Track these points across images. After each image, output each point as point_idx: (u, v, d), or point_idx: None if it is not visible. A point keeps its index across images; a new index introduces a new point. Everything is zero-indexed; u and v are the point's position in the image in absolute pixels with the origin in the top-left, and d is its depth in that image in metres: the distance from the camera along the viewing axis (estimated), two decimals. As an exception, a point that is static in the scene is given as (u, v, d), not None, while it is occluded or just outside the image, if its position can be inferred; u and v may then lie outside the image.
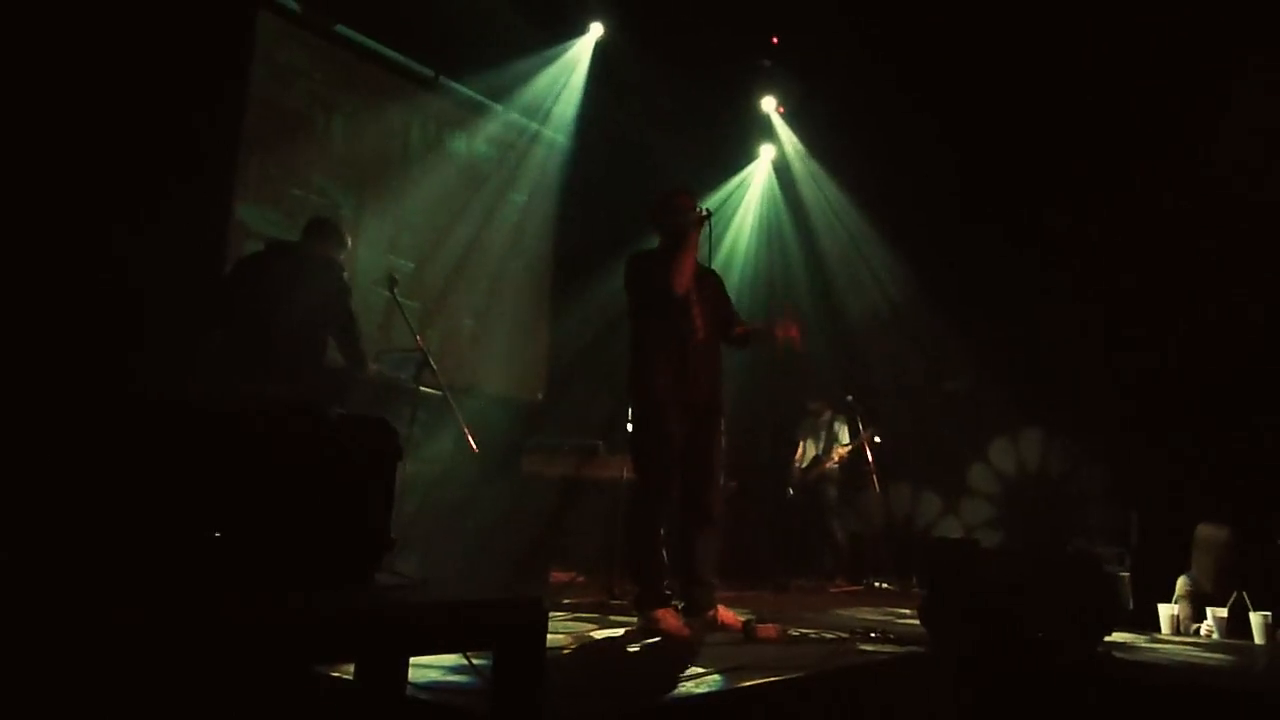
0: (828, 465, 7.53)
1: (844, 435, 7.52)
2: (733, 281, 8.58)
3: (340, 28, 6.45)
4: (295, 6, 6.14)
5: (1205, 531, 5.37)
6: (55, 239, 4.24)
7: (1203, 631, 5.10)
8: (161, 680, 1.55)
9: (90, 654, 1.53)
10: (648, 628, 3.75)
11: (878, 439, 7.29)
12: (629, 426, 4.21)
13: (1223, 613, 5.00)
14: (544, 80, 7.39)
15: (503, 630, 1.99)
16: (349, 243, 4.68)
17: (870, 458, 7.39)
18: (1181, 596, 5.29)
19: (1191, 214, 6.23)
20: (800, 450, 7.78)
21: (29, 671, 1.51)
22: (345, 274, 4.43)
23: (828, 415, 7.66)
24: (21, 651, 1.52)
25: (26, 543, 1.90)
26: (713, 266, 4.55)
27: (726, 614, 4.02)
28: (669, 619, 3.78)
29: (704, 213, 4.15)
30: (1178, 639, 4.94)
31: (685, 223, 4.12)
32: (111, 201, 4.39)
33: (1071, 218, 6.88)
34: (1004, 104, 7.00)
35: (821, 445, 7.62)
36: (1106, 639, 4.00)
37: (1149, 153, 6.42)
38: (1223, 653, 4.34)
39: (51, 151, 4.27)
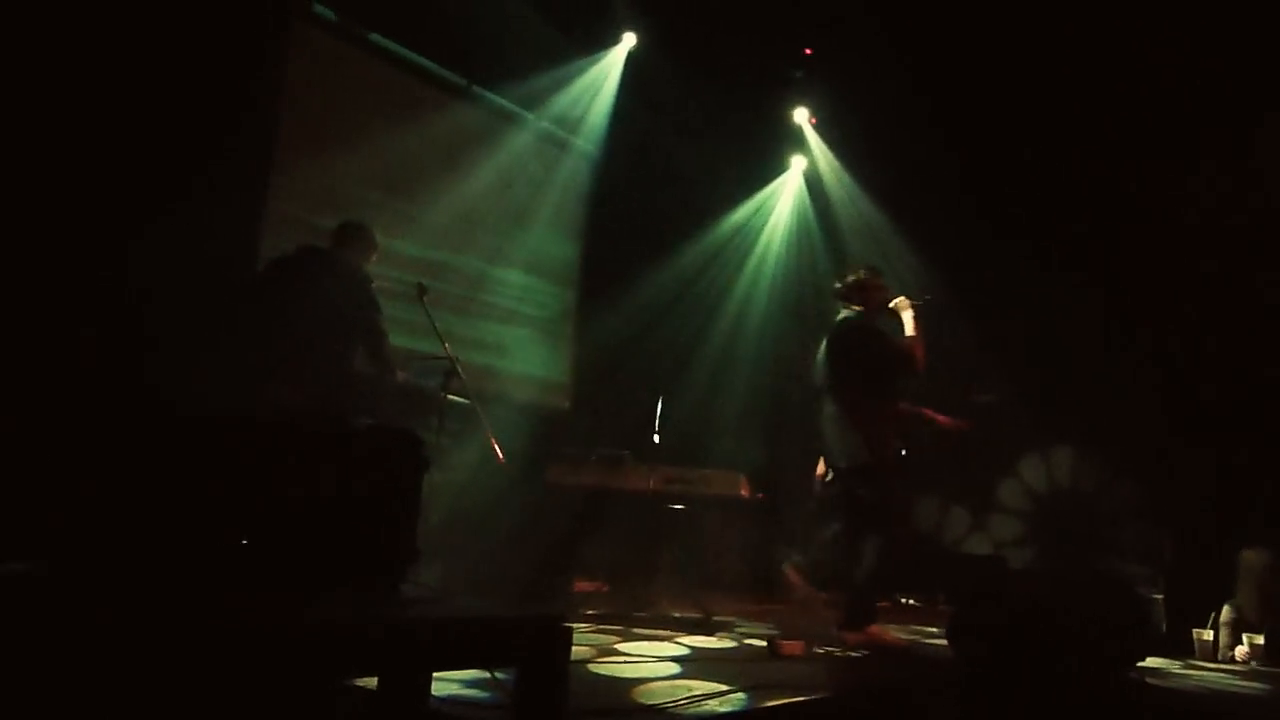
0: None
1: None
2: (761, 290, 8.57)
3: (375, 36, 6.51)
4: (331, 15, 6.21)
5: (1249, 557, 5.26)
6: (87, 242, 4.30)
7: (1238, 657, 5.00)
8: (189, 690, 1.56)
9: (118, 661, 1.54)
10: (866, 643, 4.15)
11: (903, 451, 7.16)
12: (860, 473, 4.57)
13: (1259, 639, 4.90)
14: (575, 90, 7.41)
15: (526, 647, 1.99)
16: (379, 247, 4.70)
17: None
18: (1224, 624, 5.17)
19: (1231, 226, 6.13)
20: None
21: (58, 678, 1.52)
22: (374, 284, 4.45)
23: None
24: (52, 659, 1.54)
25: (60, 552, 1.92)
26: (744, 279, 4.91)
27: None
28: (885, 634, 4.29)
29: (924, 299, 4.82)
30: (1213, 665, 4.84)
31: (884, 299, 4.80)
32: (144, 207, 4.44)
33: (1106, 231, 6.79)
34: (1039, 115, 6.92)
35: None
36: (1138, 664, 3.93)
37: (1188, 164, 6.32)
38: (1259, 680, 4.25)
39: (83, 157, 4.33)
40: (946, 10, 6.70)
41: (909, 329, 4.68)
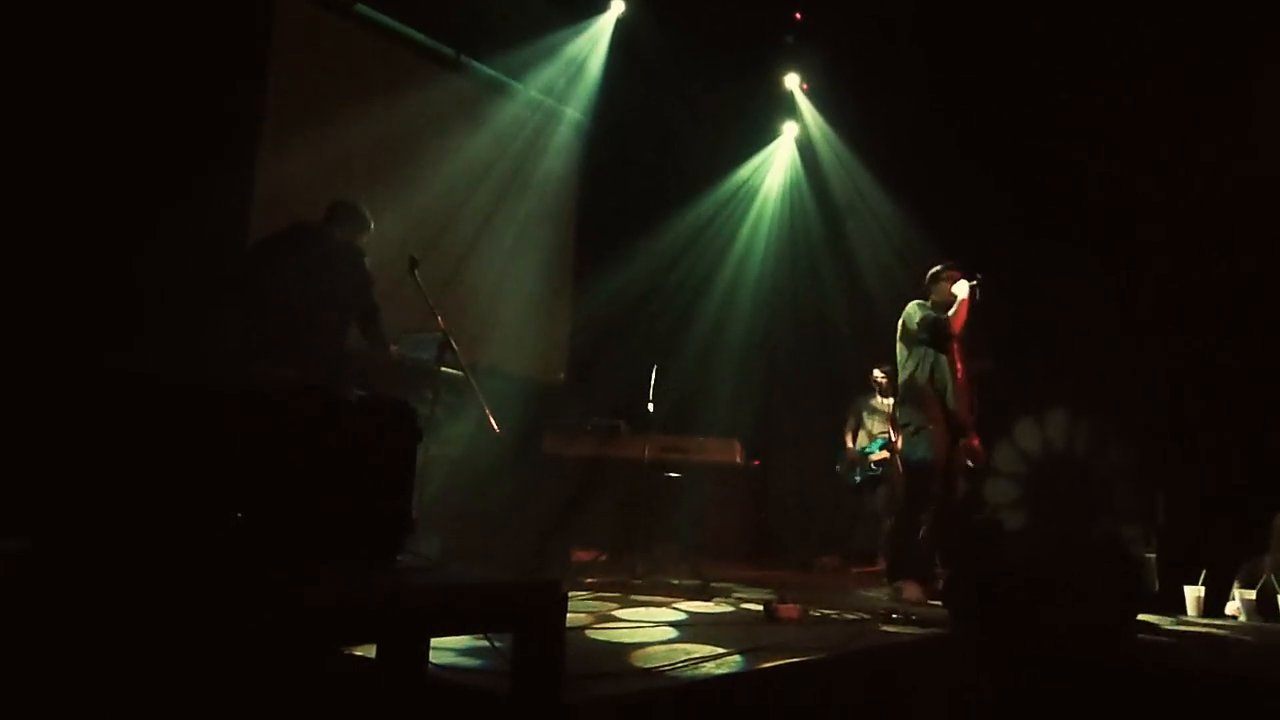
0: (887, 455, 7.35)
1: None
2: (755, 260, 8.55)
3: (361, 7, 6.43)
4: (314, -14, 6.14)
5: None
6: (75, 221, 4.27)
7: (1229, 612, 5.05)
8: (186, 661, 1.57)
9: (115, 637, 1.55)
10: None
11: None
12: (914, 439, 5.27)
13: (1250, 594, 4.94)
14: (564, 58, 7.34)
15: (523, 612, 2.00)
16: (372, 225, 4.68)
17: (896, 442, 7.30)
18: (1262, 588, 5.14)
19: (1223, 187, 6.11)
20: (862, 432, 7.58)
21: (54, 655, 1.53)
22: (367, 258, 4.43)
23: (891, 399, 7.49)
24: (53, 636, 1.54)
25: (52, 529, 1.92)
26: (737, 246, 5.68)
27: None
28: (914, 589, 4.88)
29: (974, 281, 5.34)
30: (1204, 621, 4.89)
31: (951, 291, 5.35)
32: (132, 186, 4.41)
33: (1099, 193, 6.77)
34: (1033, 78, 6.88)
35: (888, 429, 7.38)
36: (1132, 621, 3.97)
37: (1183, 129, 6.29)
38: (1249, 635, 4.30)
39: (68, 138, 4.30)
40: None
41: (959, 300, 5.24)
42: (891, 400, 7.44)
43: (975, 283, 5.26)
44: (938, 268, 5.46)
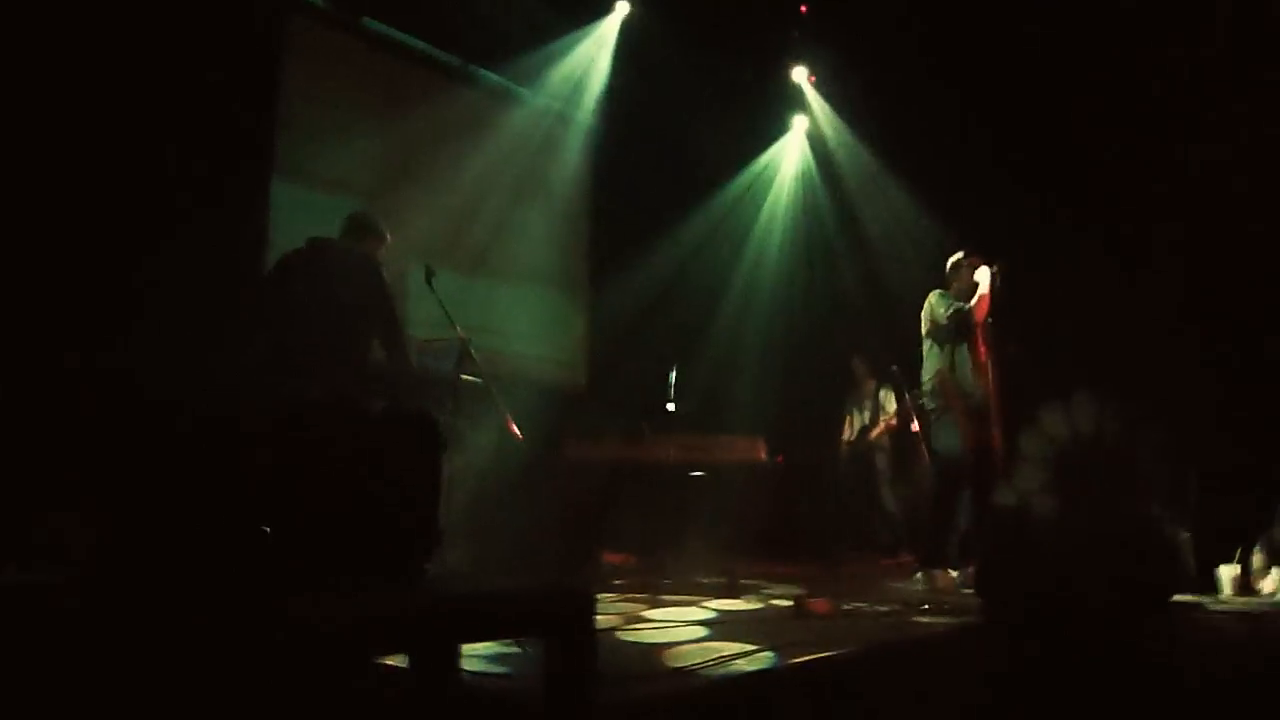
0: (874, 436, 7.47)
1: (890, 405, 7.45)
2: (770, 253, 8.53)
3: (368, 21, 6.48)
4: (321, 3, 6.18)
5: None
6: (90, 244, 4.32)
7: (1266, 589, 4.99)
8: (224, 675, 1.58)
9: (162, 652, 1.57)
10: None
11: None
12: (940, 428, 5.40)
13: (1288, 571, 4.88)
14: (571, 63, 7.35)
15: (553, 618, 2.01)
16: (388, 238, 4.70)
17: (917, 426, 7.30)
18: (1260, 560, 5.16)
19: (1249, 160, 6.02)
20: (848, 423, 7.73)
21: (94, 677, 1.55)
22: (385, 271, 4.45)
23: (873, 386, 7.60)
24: (86, 660, 1.56)
25: (88, 556, 1.95)
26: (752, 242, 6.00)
27: None
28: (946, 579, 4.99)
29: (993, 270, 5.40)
30: (1241, 600, 4.83)
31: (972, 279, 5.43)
32: (148, 206, 4.45)
33: (1116, 174, 6.70)
34: (1041, 62, 6.82)
35: (868, 416, 7.56)
36: (1170, 601, 3.92)
37: (1202, 112, 6.22)
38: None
39: (82, 158, 4.34)
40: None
41: (982, 289, 5.31)
42: (873, 387, 7.50)
43: (995, 270, 5.29)
44: (958, 255, 5.51)
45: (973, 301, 5.29)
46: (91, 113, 4.40)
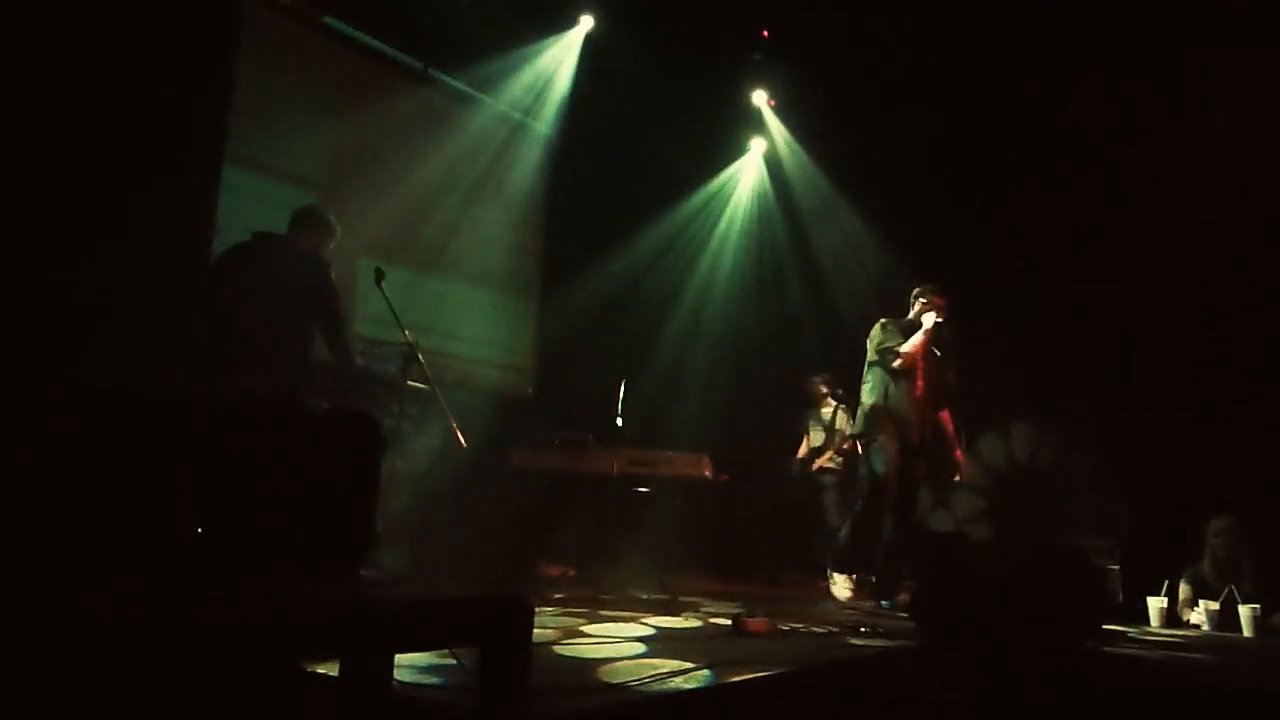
0: (823, 461, 7.52)
1: (845, 427, 7.51)
2: (723, 272, 8.60)
3: (329, 20, 6.40)
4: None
5: (1214, 524, 5.41)
6: (35, 231, 4.19)
7: (1192, 621, 5.12)
8: (146, 677, 1.53)
9: (74, 650, 1.51)
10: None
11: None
12: (870, 452, 5.52)
13: (1214, 605, 5.02)
14: (532, 73, 7.35)
15: (489, 626, 1.98)
16: (338, 232, 4.63)
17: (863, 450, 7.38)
18: (1185, 585, 5.33)
19: (1182, 199, 6.22)
20: (805, 440, 7.75)
21: (9, 669, 1.49)
22: (332, 269, 4.38)
23: (830, 409, 7.66)
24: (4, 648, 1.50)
25: (8, 540, 1.87)
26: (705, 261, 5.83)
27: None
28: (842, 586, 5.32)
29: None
30: (1166, 632, 4.95)
31: (921, 314, 5.51)
32: (94, 196, 4.33)
33: (1059, 205, 6.88)
34: (994, 92, 6.99)
35: (823, 439, 7.60)
36: (1095, 632, 4.00)
37: (1141, 139, 6.42)
38: (1210, 646, 4.35)
39: (29, 145, 4.21)
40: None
41: (923, 328, 5.42)
42: (830, 409, 7.59)
43: (940, 320, 5.43)
44: (922, 288, 5.65)
45: (906, 346, 5.43)
46: (34, 97, 4.27)
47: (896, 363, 5.42)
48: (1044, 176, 6.92)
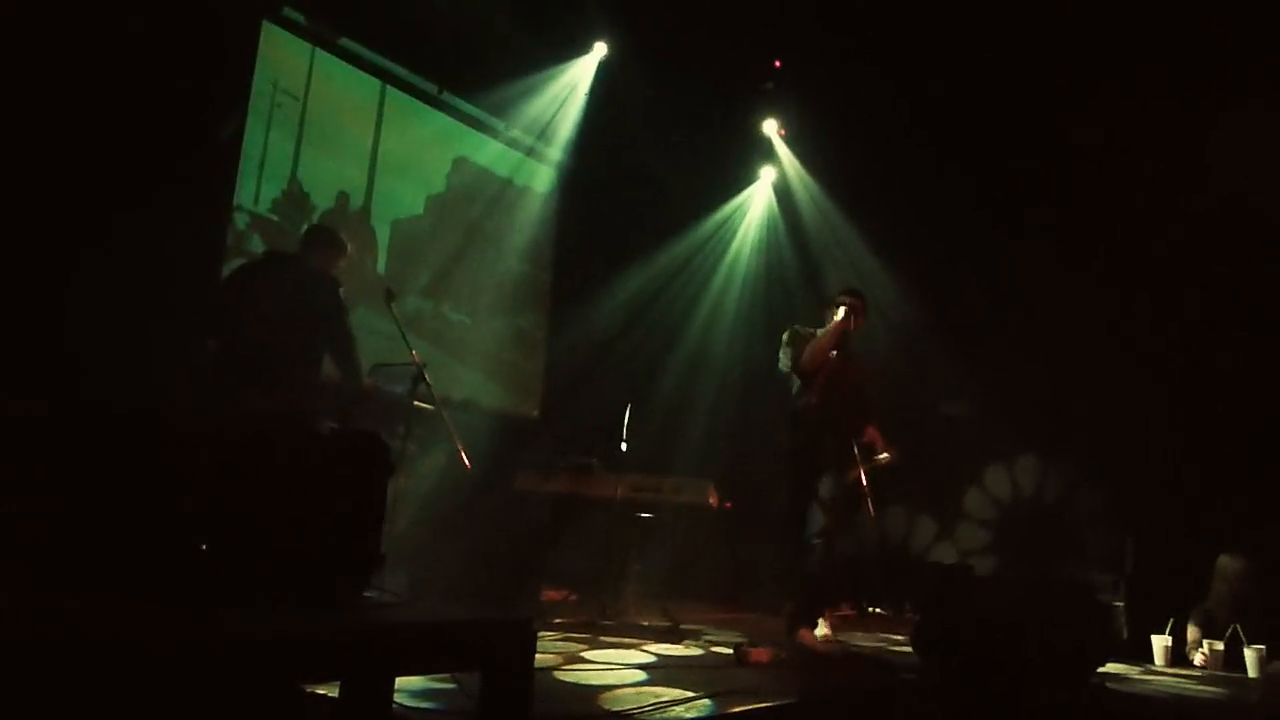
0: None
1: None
2: (730, 301, 8.60)
3: (345, 41, 6.48)
4: (301, 19, 6.17)
5: (1224, 562, 5.35)
6: (51, 247, 4.24)
7: (1197, 662, 5.08)
8: (147, 695, 1.53)
9: (77, 670, 1.51)
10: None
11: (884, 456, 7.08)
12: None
13: (1219, 645, 4.97)
14: (546, 98, 7.41)
15: (491, 651, 1.97)
16: (349, 251, 4.66)
17: (864, 481, 7.35)
18: (1194, 625, 5.26)
19: (1195, 231, 6.21)
20: None
21: (12, 685, 1.49)
22: (343, 289, 4.41)
23: None
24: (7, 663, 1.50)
25: (15, 554, 1.88)
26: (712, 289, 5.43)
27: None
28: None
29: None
30: (1171, 671, 4.90)
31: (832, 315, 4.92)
32: (109, 213, 4.38)
33: (1072, 237, 6.88)
34: (1008, 125, 7.01)
35: None
36: (1099, 669, 3.97)
37: (1159, 173, 6.41)
38: (1217, 685, 4.32)
39: (48, 162, 4.27)
40: (915, 26, 6.77)
41: (829, 324, 4.91)
42: None
43: (847, 308, 4.88)
44: (835, 292, 5.19)
45: (819, 331, 4.95)
46: (52, 114, 4.33)
47: (786, 365, 4.94)
48: (1058, 208, 6.93)
